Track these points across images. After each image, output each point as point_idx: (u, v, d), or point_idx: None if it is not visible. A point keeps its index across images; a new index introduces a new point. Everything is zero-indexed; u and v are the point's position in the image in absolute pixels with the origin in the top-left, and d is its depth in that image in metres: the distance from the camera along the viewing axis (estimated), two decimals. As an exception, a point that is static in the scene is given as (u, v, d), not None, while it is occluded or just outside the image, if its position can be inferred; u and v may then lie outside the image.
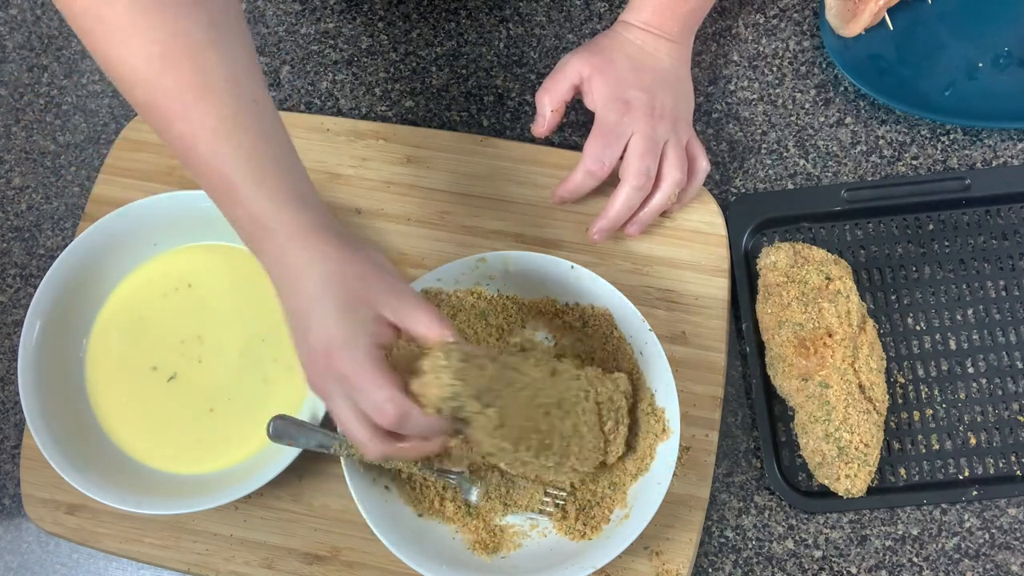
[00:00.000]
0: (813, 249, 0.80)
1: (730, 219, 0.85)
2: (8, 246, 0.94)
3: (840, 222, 0.85)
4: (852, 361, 0.76)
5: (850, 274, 0.79)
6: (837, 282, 0.77)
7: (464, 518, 0.77)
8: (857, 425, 0.74)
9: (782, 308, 0.78)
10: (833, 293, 0.77)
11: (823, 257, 0.79)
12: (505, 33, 0.96)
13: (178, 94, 0.61)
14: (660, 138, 0.79)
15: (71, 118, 0.98)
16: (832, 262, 0.79)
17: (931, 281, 0.83)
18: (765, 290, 0.80)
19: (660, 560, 0.77)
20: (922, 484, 0.78)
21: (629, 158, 0.79)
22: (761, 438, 0.79)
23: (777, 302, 0.78)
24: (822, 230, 0.85)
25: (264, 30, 0.98)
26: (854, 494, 0.75)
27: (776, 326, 0.78)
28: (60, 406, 0.81)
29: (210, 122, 0.61)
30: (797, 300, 0.77)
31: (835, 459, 0.74)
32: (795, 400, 0.78)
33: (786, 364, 0.77)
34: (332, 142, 0.90)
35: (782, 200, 0.86)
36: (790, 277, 0.78)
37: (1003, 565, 0.77)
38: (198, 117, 0.61)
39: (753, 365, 0.80)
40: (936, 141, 0.88)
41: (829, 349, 0.76)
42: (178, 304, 0.85)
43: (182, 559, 0.80)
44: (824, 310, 0.76)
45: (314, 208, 0.64)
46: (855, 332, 0.76)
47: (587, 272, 0.78)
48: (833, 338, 0.76)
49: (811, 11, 0.94)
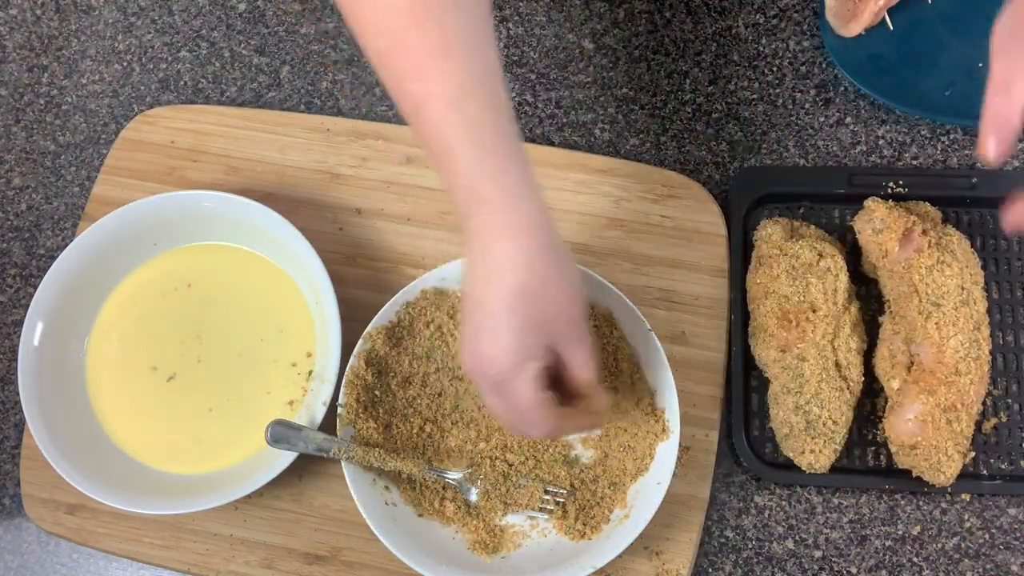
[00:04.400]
0: (810, 227, 0.81)
1: (732, 189, 0.85)
2: (8, 246, 0.94)
3: (842, 205, 0.85)
4: (832, 339, 0.76)
5: (842, 254, 0.79)
6: (828, 260, 0.77)
7: (464, 518, 0.77)
8: (828, 401, 0.74)
9: (771, 279, 0.78)
10: (823, 270, 0.77)
11: (818, 235, 0.80)
12: (505, 33, 0.96)
13: (418, 55, 0.60)
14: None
15: (71, 118, 0.98)
16: (826, 240, 0.80)
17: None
18: (757, 260, 0.81)
19: (660, 560, 0.77)
20: (887, 470, 0.78)
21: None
22: (734, 404, 0.79)
23: (767, 273, 0.79)
24: (823, 211, 0.85)
25: (264, 30, 0.98)
26: (817, 469, 0.75)
27: (763, 296, 0.79)
28: (60, 406, 0.81)
29: (444, 88, 0.60)
30: (786, 273, 0.78)
31: (802, 432, 0.75)
32: (771, 371, 0.78)
33: (767, 334, 0.78)
34: (332, 142, 0.90)
35: (786, 175, 0.86)
36: (783, 250, 0.79)
37: (1003, 565, 0.77)
38: (434, 80, 0.60)
39: (736, 333, 0.81)
40: (936, 141, 0.88)
41: (811, 324, 0.76)
42: (178, 304, 0.85)
43: (182, 559, 0.80)
44: (811, 285, 0.77)
45: (531, 202, 0.62)
46: (839, 311, 0.77)
47: (587, 272, 0.78)
48: (816, 314, 0.76)
49: (811, 11, 0.94)
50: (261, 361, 0.83)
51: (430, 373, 0.80)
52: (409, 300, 0.80)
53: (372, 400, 0.78)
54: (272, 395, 0.82)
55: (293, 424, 0.76)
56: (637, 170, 0.87)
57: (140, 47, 0.99)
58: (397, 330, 0.80)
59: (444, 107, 0.61)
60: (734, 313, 0.82)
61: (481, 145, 0.61)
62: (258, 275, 0.86)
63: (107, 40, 1.00)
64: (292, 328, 0.84)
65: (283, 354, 0.83)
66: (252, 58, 0.97)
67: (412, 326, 0.80)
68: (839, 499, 0.79)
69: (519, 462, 0.78)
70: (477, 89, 0.61)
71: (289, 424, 0.76)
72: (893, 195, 0.83)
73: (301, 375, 0.82)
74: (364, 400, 0.78)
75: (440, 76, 0.61)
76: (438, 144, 0.62)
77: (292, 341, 0.83)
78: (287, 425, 0.76)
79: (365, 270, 0.86)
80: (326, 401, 0.78)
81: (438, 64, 0.61)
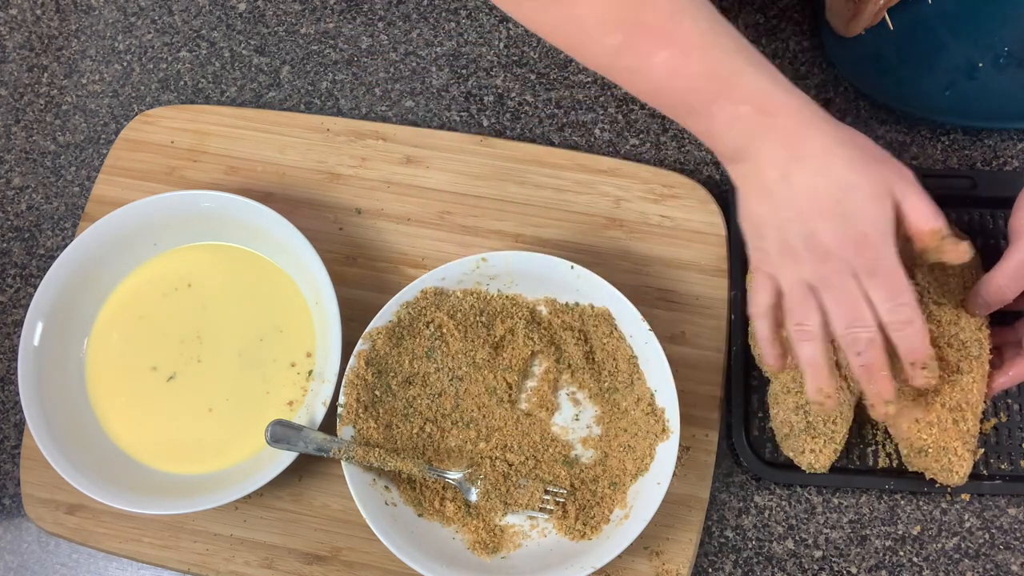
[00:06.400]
0: None
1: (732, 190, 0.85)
2: (8, 246, 0.94)
3: None
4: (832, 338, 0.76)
5: None
6: None
7: (464, 518, 0.77)
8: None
9: None
10: None
11: None
12: (505, 33, 0.96)
13: (658, 25, 0.63)
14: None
15: (71, 118, 0.98)
16: None
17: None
18: None
19: (660, 560, 0.77)
20: (887, 470, 0.78)
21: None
22: (734, 404, 0.79)
23: None
24: None
25: (264, 30, 0.98)
26: (817, 469, 0.75)
27: None
28: (60, 406, 0.81)
29: (694, 39, 0.63)
30: None
31: (802, 432, 0.75)
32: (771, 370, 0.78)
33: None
34: (332, 142, 0.90)
35: None
36: None
37: (1003, 565, 0.77)
38: (682, 39, 0.63)
39: (736, 333, 0.81)
40: (936, 141, 0.88)
41: None
42: (178, 304, 0.85)
43: (182, 559, 0.80)
44: None
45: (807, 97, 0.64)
46: None
47: (587, 272, 0.78)
48: None
49: (811, 11, 0.94)
50: (261, 361, 0.83)
51: (430, 373, 0.80)
52: (409, 300, 0.80)
53: (372, 400, 0.78)
54: (272, 395, 0.82)
55: (293, 424, 0.76)
56: (637, 170, 0.87)
57: (140, 47, 0.99)
58: (397, 330, 0.80)
59: (702, 53, 0.63)
60: (734, 313, 0.82)
61: (754, 64, 0.64)
62: (258, 275, 0.86)
63: (107, 40, 1.00)
64: (292, 328, 0.84)
65: (283, 354, 0.83)
66: (252, 58, 0.97)
67: (412, 326, 0.80)
68: (839, 499, 0.79)
69: (519, 462, 0.78)
70: (721, 29, 0.64)
71: (289, 424, 0.76)
72: None
73: (301, 375, 0.82)
74: (364, 400, 0.78)
75: (689, 30, 0.63)
76: (710, 85, 0.63)
77: (292, 341, 0.83)
78: (287, 425, 0.76)
79: (365, 270, 0.86)
80: (326, 401, 0.78)
81: (679, 26, 0.63)
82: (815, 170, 0.62)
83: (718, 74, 0.63)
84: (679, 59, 0.63)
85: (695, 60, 0.63)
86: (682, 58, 0.63)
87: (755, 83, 0.63)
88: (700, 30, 0.63)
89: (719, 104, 0.64)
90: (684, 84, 0.64)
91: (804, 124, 0.63)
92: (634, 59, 0.64)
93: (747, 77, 0.63)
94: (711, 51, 0.63)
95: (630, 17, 0.63)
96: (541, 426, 0.80)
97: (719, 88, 0.63)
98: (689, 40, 0.63)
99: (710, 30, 0.64)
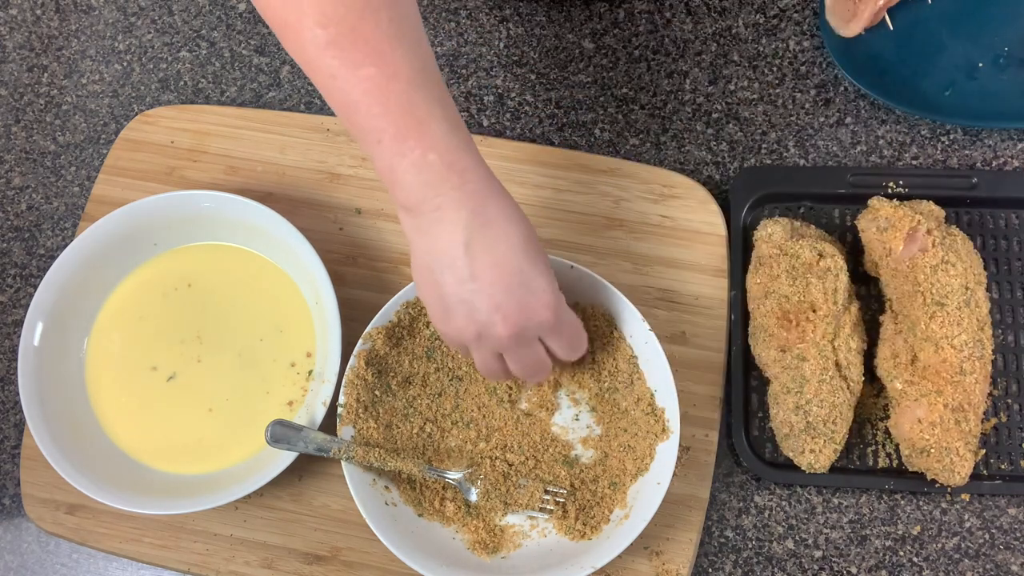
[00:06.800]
0: (810, 227, 0.81)
1: (733, 189, 0.85)
2: (8, 246, 0.94)
3: (842, 205, 0.85)
4: (832, 338, 0.76)
5: (843, 254, 0.79)
6: (828, 260, 0.77)
7: (464, 518, 0.77)
8: (828, 401, 0.74)
9: (771, 279, 0.78)
10: (823, 270, 0.77)
11: (818, 235, 0.80)
12: (505, 33, 0.96)
13: (375, 42, 0.62)
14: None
15: (71, 118, 0.98)
16: (826, 240, 0.80)
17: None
18: (757, 260, 0.81)
19: (660, 560, 0.77)
20: (887, 470, 0.78)
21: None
22: (734, 404, 0.80)
23: (767, 273, 0.79)
24: (823, 211, 0.85)
25: (264, 30, 0.98)
26: (817, 469, 0.75)
27: (763, 296, 0.79)
28: (60, 406, 0.81)
29: (404, 70, 0.63)
30: (787, 273, 0.78)
31: (802, 432, 0.75)
32: (771, 371, 0.78)
33: (767, 334, 0.78)
34: (332, 142, 0.90)
35: (787, 175, 0.86)
36: (783, 250, 0.79)
37: (1003, 565, 0.77)
38: (393, 64, 0.62)
39: (736, 333, 0.81)
40: (936, 141, 0.88)
41: (811, 324, 0.76)
42: (178, 304, 0.85)
43: (182, 559, 0.80)
44: (811, 285, 0.77)
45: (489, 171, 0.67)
46: (839, 311, 0.77)
47: (587, 272, 0.78)
48: (816, 313, 0.76)
49: (811, 11, 0.94)
50: (261, 361, 0.83)
51: (430, 373, 0.80)
52: (409, 300, 0.79)
53: (372, 400, 0.78)
54: (272, 395, 0.82)
55: (293, 424, 0.76)
56: (637, 170, 0.87)
57: (140, 47, 0.99)
58: (397, 330, 0.80)
59: (407, 87, 0.63)
60: (734, 313, 0.82)
61: (450, 120, 0.64)
62: (258, 275, 0.86)
63: (107, 40, 1.00)
64: (292, 328, 0.84)
65: (283, 354, 0.83)
66: (252, 58, 0.97)
67: (412, 326, 0.80)
68: (839, 499, 0.79)
69: (519, 462, 0.78)
70: (431, 71, 0.64)
71: (289, 424, 0.76)
72: (893, 195, 0.83)
73: (301, 375, 0.82)
74: (364, 400, 0.78)
75: (401, 59, 0.63)
76: (406, 121, 0.63)
77: (292, 341, 0.83)
78: (287, 425, 0.76)
79: (365, 270, 0.86)
80: (326, 401, 0.78)
81: (396, 50, 0.62)
82: (493, 238, 0.65)
83: (415, 113, 0.63)
84: (383, 82, 0.62)
85: (398, 90, 0.62)
86: (386, 82, 0.62)
87: (447, 138, 0.64)
88: (412, 65, 0.63)
89: (409, 144, 0.63)
90: (380, 109, 0.63)
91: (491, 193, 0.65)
92: (339, 62, 0.63)
93: (442, 128, 0.63)
94: (417, 89, 0.63)
95: (351, 21, 0.62)
96: (541, 426, 0.80)
97: (413, 127, 0.63)
98: (399, 68, 0.62)
99: (422, 69, 0.63)
